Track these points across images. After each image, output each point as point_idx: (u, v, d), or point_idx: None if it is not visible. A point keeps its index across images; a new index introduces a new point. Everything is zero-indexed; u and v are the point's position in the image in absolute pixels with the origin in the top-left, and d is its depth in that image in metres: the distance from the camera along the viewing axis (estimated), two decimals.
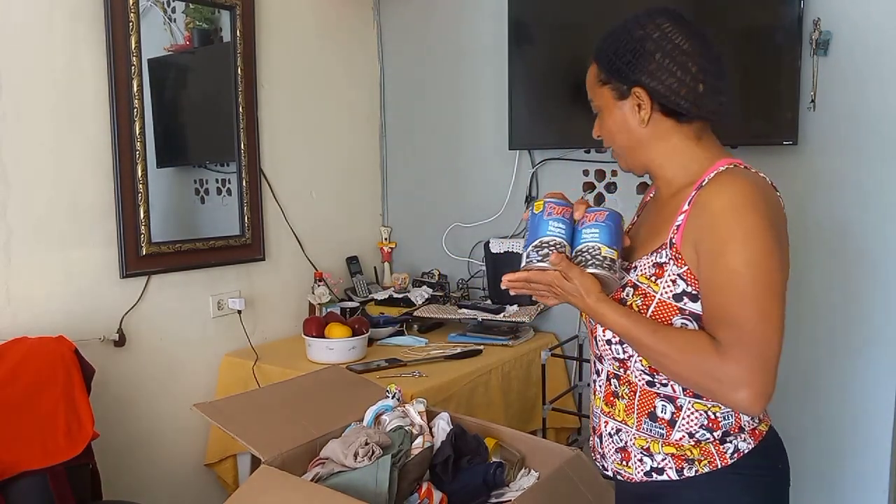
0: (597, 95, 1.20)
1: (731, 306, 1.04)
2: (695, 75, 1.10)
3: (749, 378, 1.02)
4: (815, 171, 2.16)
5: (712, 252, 1.05)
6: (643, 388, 1.16)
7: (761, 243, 1.05)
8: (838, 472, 2.20)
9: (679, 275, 1.10)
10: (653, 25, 1.14)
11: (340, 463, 1.43)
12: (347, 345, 2.25)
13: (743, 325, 1.03)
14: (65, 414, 1.78)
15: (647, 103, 1.13)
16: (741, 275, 1.04)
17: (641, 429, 1.16)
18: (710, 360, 1.03)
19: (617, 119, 1.17)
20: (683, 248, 1.09)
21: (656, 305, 1.10)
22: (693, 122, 1.14)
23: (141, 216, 2.17)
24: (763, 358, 1.04)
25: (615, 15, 2.37)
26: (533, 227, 1.11)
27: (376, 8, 3.03)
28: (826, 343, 2.19)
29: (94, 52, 2.06)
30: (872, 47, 2.04)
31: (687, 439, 1.13)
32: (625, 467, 1.19)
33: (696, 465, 1.12)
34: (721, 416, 1.13)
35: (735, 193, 1.06)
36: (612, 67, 1.16)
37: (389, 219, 3.14)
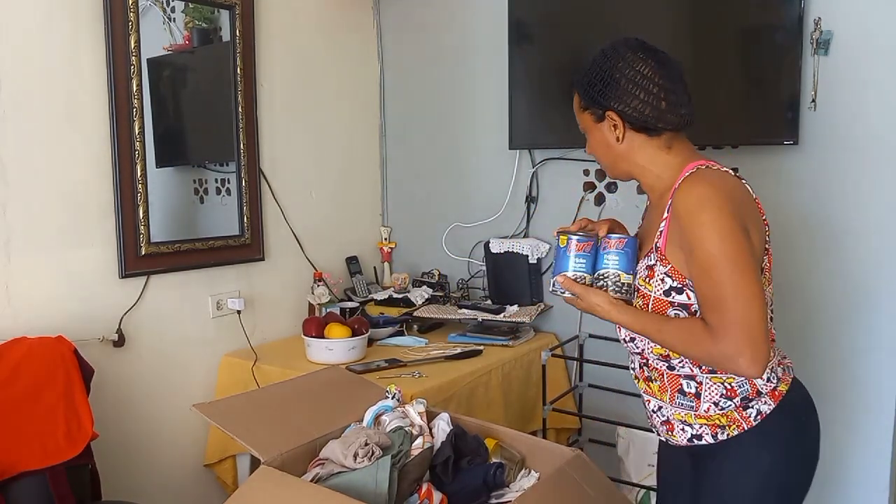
0: (581, 119, 1.43)
1: (711, 291, 1.21)
2: (656, 95, 1.30)
3: (740, 349, 1.17)
4: (816, 171, 2.16)
5: (690, 248, 1.23)
6: (666, 371, 1.36)
7: (726, 233, 1.20)
8: (838, 472, 2.20)
9: (665, 273, 1.28)
10: (617, 57, 1.34)
11: (340, 463, 1.42)
12: (347, 345, 2.25)
13: (724, 306, 1.19)
14: (64, 414, 1.78)
15: (619, 124, 1.34)
16: (713, 263, 1.20)
17: (675, 403, 1.36)
18: (705, 344, 1.21)
19: (598, 138, 1.39)
20: (668, 250, 1.28)
21: (653, 302, 1.30)
22: (662, 134, 1.34)
23: (140, 216, 2.17)
24: (747, 329, 1.18)
25: (615, 15, 2.40)
26: (558, 260, 1.36)
27: (376, 8, 3.03)
28: (826, 343, 2.19)
29: (94, 52, 2.06)
30: (873, 47, 2.04)
31: (713, 409, 1.32)
32: (671, 435, 1.40)
33: (727, 430, 1.31)
34: (737, 385, 1.31)
35: (698, 195, 1.23)
36: (588, 96, 1.38)
37: (389, 219, 3.13)
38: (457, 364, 2.24)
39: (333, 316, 2.39)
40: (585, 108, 1.40)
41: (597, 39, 2.43)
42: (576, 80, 1.42)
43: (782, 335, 2.26)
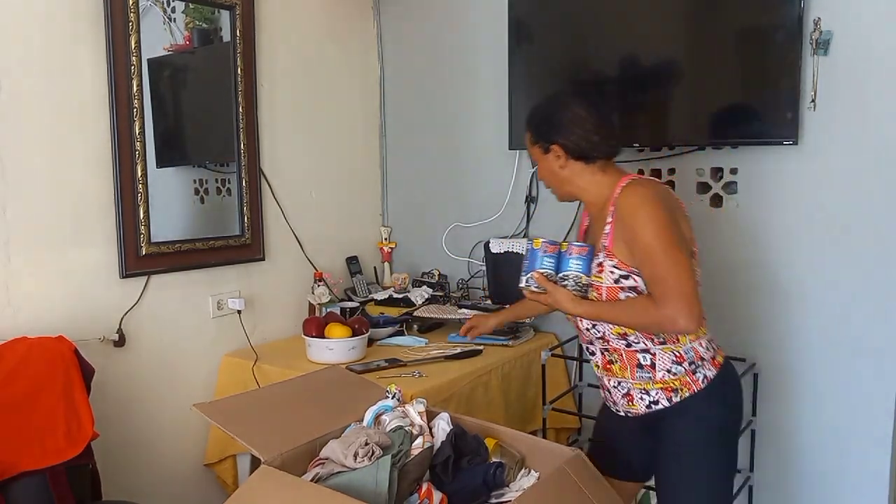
0: (531, 152, 1.74)
1: (653, 269, 1.51)
2: (589, 130, 1.63)
3: (679, 310, 1.48)
4: (816, 171, 2.16)
5: (633, 239, 1.54)
6: (625, 349, 1.64)
7: (661, 224, 1.52)
8: (839, 472, 2.20)
9: (613, 266, 1.58)
10: (560, 102, 1.69)
11: (340, 463, 1.42)
12: (347, 345, 2.25)
13: (664, 279, 1.50)
14: (64, 414, 1.78)
15: (562, 155, 1.65)
16: (654, 247, 1.51)
17: (635, 377, 1.65)
18: (652, 311, 1.51)
19: (545, 167, 1.71)
20: (614, 246, 1.58)
21: (606, 291, 1.59)
22: (597, 161, 1.65)
23: (140, 216, 2.17)
24: (683, 294, 1.48)
25: (615, 14, 2.40)
26: (531, 259, 1.64)
27: (376, 8, 3.03)
28: (826, 343, 2.19)
29: (94, 52, 2.06)
30: (873, 47, 2.03)
31: (667, 375, 1.61)
32: (632, 406, 1.67)
33: (679, 393, 1.62)
34: (683, 352, 1.62)
35: (636, 197, 1.56)
36: (537, 133, 1.70)
37: (389, 219, 3.13)
38: (457, 364, 2.24)
39: (334, 316, 2.39)
40: (535, 143, 1.70)
41: (597, 39, 2.46)
42: (528, 120, 1.73)
43: (783, 334, 2.27)
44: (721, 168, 2.33)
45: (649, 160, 2.45)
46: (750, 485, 2.34)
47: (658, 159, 2.43)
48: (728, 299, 2.34)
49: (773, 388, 2.29)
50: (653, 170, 2.45)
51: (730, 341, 2.34)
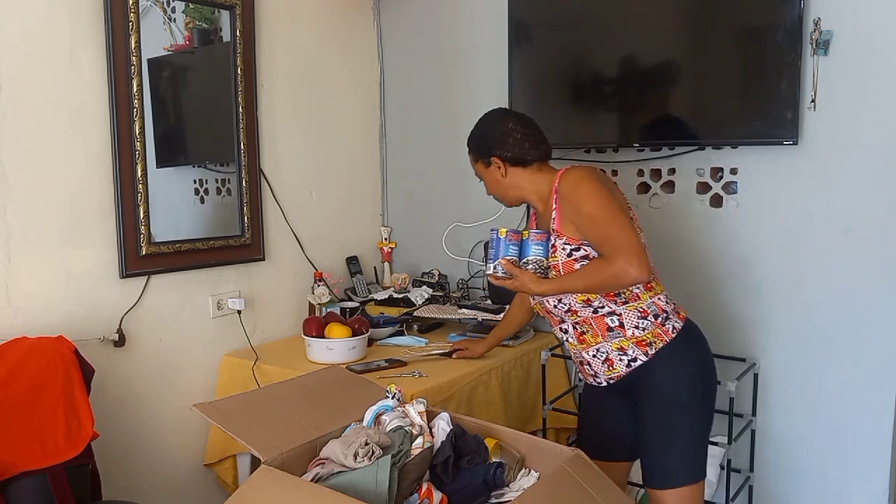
0: (477, 170, 1.90)
1: (600, 233, 1.68)
2: (521, 139, 1.81)
3: (630, 261, 1.62)
4: (816, 171, 2.16)
5: (578, 213, 1.71)
6: (592, 316, 1.77)
7: (599, 195, 1.70)
8: (839, 472, 2.20)
9: (564, 243, 1.74)
10: (490, 120, 1.89)
11: (340, 463, 1.42)
12: (347, 345, 2.25)
13: (610, 239, 1.65)
14: (64, 414, 1.78)
15: (501, 164, 1.83)
16: (597, 214, 1.68)
17: (608, 338, 1.77)
18: (606, 268, 1.65)
19: (490, 179, 1.88)
20: (562, 226, 1.75)
21: (563, 266, 1.74)
22: (532, 164, 1.83)
23: (141, 216, 2.17)
24: (630, 247, 1.63)
25: (614, 14, 2.40)
26: (497, 248, 1.79)
27: (376, 8, 3.03)
28: (827, 343, 2.19)
29: (94, 52, 2.06)
30: (873, 47, 2.04)
31: (637, 331, 1.75)
32: (613, 371, 1.79)
33: (654, 346, 1.74)
34: (646, 306, 1.76)
35: (573, 177, 1.75)
36: (476, 150, 1.88)
37: (389, 219, 3.13)
38: (457, 364, 2.24)
39: (333, 316, 2.39)
40: (477, 160, 1.88)
41: (597, 39, 2.46)
42: (468, 143, 1.91)
43: (783, 334, 2.27)
44: (721, 168, 2.33)
45: (649, 160, 2.45)
46: (750, 485, 2.34)
47: (658, 159, 2.43)
48: (728, 299, 2.34)
49: (773, 388, 2.29)
50: (653, 170, 2.45)
51: (730, 341, 2.34)
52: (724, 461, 2.22)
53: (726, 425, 2.16)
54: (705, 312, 2.39)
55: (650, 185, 2.46)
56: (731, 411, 2.13)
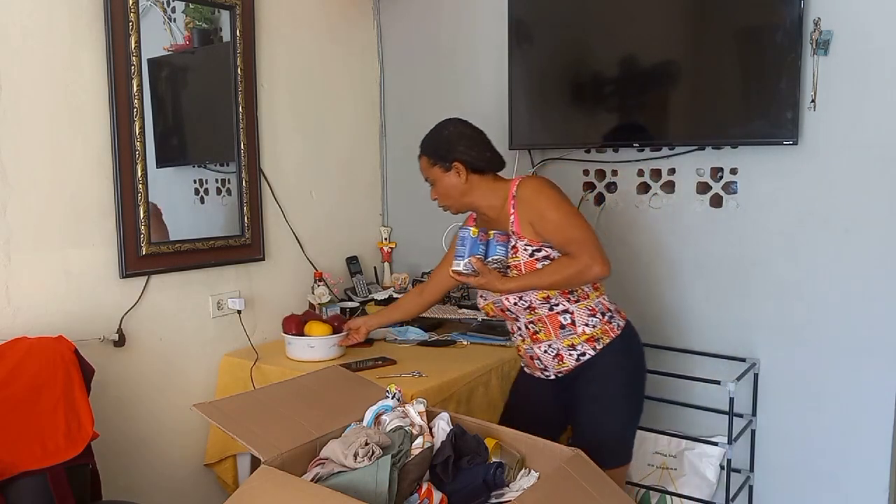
0: (430, 174, 1.95)
1: (564, 235, 1.81)
2: (482, 148, 1.93)
3: (594, 258, 1.77)
4: (816, 171, 2.16)
5: (540, 218, 1.84)
6: (548, 314, 1.89)
7: (560, 201, 1.86)
8: (839, 472, 2.20)
9: (524, 244, 1.86)
10: (450, 125, 1.95)
11: (340, 463, 1.43)
12: (329, 342, 2.27)
13: (574, 239, 1.80)
14: (64, 414, 1.78)
15: (463, 170, 1.90)
16: (558, 219, 1.83)
17: (560, 336, 1.90)
18: (571, 266, 1.78)
19: (446, 184, 1.93)
20: (522, 229, 1.87)
21: (525, 265, 1.85)
22: (488, 173, 1.94)
23: (140, 216, 2.17)
24: (593, 247, 1.79)
25: (615, 14, 2.40)
26: (468, 246, 1.85)
27: (376, 8, 3.03)
28: (827, 343, 2.19)
29: (94, 52, 2.06)
30: (873, 47, 2.04)
31: (587, 328, 1.89)
32: (563, 365, 1.92)
33: (601, 341, 1.89)
34: (595, 305, 1.91)
35: (532, 187, 1.88)
36: (436, 155, 1.92)
37: (389, 219, 3.14)
38: (457, 364, 2.24)
39: (312, 314, 2.41)
40: (434, 164, 1.92)
41: (597, 39, 2.46)
42: (423, 146, 1.95)
43: (783, 334, 2.27)
44: (721, 168, 2.33)
45: (649, 160, 2.45)
46: (750, 485, 2.34)
47: (658, 159, 2.43)
48: (728, 299, 2.34)
49: (773, 388, 2.29)
50: (653, 170, 2.45)
51: (730, 341, 2.35)
52: (724, 461, 2.22)
53: (726, 425, 2.16)
54: (705, 312, 2.39)
55: (650, 185, 2.46)
56: (731, 411, 2.13)
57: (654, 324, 2.48)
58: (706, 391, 2.33)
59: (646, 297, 2.49)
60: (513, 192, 1.89)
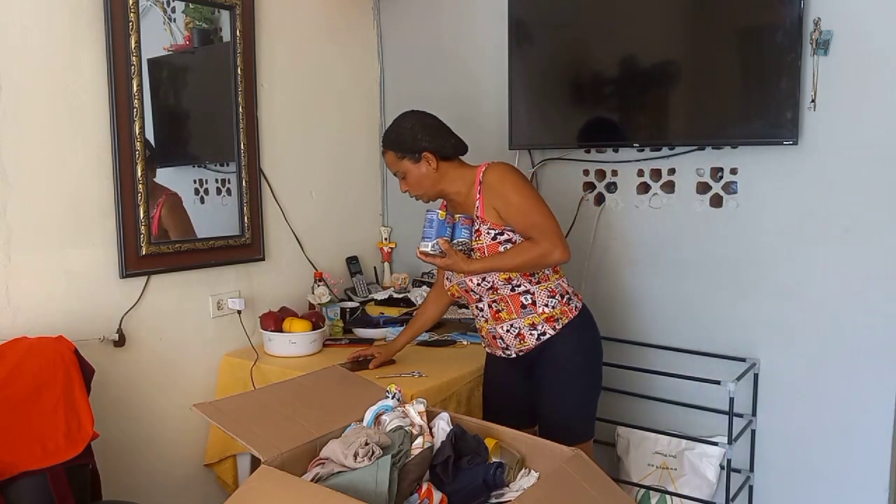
0: (400, 167, 1.99)
1: (528, 220, 1.89)
2: (446, 136, 1.99)
3: (555, 243, 1.86)
4: (816, 171, 2.16)
5: (504, 203, 1.91)
6: (510, 294, 1.95)
7: (523, 185, 1.93)
8: (839, 472, 2.20)
9: (488, 228, 1.92)
10: (412, 118, 2.01)
11: (340, 463, 1.43)
12: (309, 338, 2.34)
13: (537, 224, 1.88)
14: (65, 414, 1.78)
15: (433, 159, 1.96)
16: (522, 204, 1.90)
17: (521, 315, 1.97)
18: (533, 250, 1.87)
19: (417, 174, 1.98)
20: (486, 213, 1.93)
21: (487, 248, 1.92)
22: (454, 159, 2.00)
23: (140, 216, 2.17)
24: (555, 232, 1.88)
25: (614, 14, 2.40)
26: (435, 228, 1.90)
27: (376, 8, 3.03)
28: (827, 343, 2.19)
29: (94, 52, 2.06)
30: (873, 47, 2.04)
31: (546, 308, 1.96)
32: (524, 344, 1.99)
33: (560, 321, 1.97)
34: (555, 287, 1.98)
35: (498, 172, 1.94)
36: (402, 149, 1.97)
37: (389, 219, 3.13)
38: (457, 364, 2.24)
39: (288, 311, 2.45)
40: (403, 157, 1.97)
41: (597, 39, 2.46)
42: (387, 142, 2.00)
43: (783, 334, 2.27)
44: (721, 168, 2.33)
45: (649, 160, 2.45)
46: (750, 485, 2.34)
47: (658, 159, 2.43)
48: (728, 299, 2.34)
49: (773, 388, 2.29)
50: (653, 170, 2.45)
51: (730, 341, 2.35)
52: (724, 461, 2.22)
53: (726, 425, 2.16)
54: (705, 312, 2.39)
55: (650, 185, 2.46)
56: (731, 411, 2.13)
57: (654, 323, 2.48)
58: (706, 391, 2.33)
59: (646, 297, 2.49)
60: (479, 177, 1.95)
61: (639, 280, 2.51)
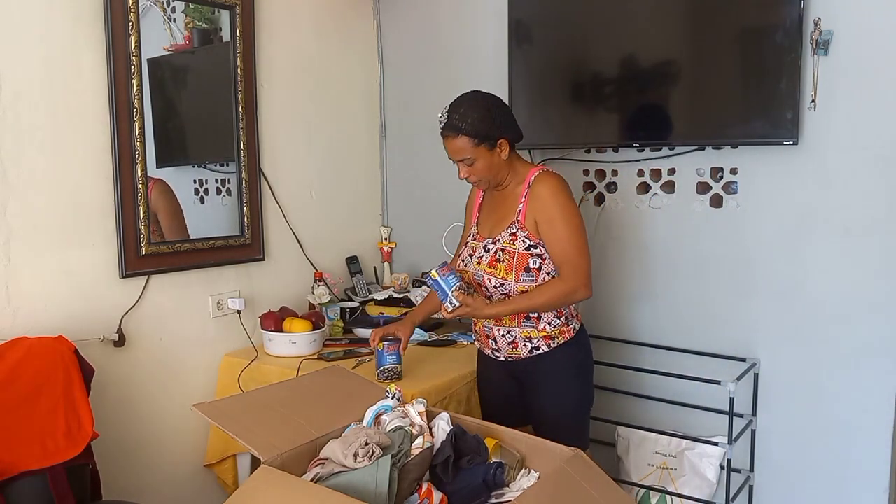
0: (473, 153, 1.87)
1: (565, 253, 1.87)
2: (515, 122, 1.93)
3: (582, 282, 1.86)
4: (816, 171, 2.16)
5: (548, 224, 1.88)
6: None
7: (572, 211, 1.89)
8: (839, 472, 2.20)
9: (525, 236, 1.90)
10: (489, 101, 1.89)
11: (340, 463, 1.43)
12: (309, 338, 2.34)
13: (572, 259, 1.86)
14: (64, 414, 1.78)
15: (506, 146, 1.90)
16: (565, 234, 1.87)
17: (521, 325, 1.95)
18: (560, 288, 1.86)
19: (489, 161, 1.89)
20: (527, 221, 1.90)
21: (518, 256, 1.89)
22: (514, 149, 1.95)
23: (140, 216, 2.17)
24: (585, 271, 1.87)
25: (615, 14, 2.40)
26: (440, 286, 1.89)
27: (376, 8, 3.03)
28: (827, 343, 2.19)
29: (94, 52, 2.06)
30: (873, 47, 2.04)
31: (548, 327, 1.95)
32: (515, 352, 1.98)
33: (556, 340, 1.96)
34: (563, 308, 1.96)
35: (552, 185, 1.90)
36: (481, 134, 1.86)
37: (389, 219, 3.13)
38: (457, 364, 2.24)
39: (288, 311, 2.45)
40: (479, 144, 1.86)
41: (597, 39, 2.46)
42: (462, 128, 1.85)
43: (783, 334, 2.27)
44: (721, 168, 2.33)
45: (649, 160, 2.45)
46: (750, 485, 2.34)
47: (658, 159, 2.43)
48: (728, 299, 2.34)
49: (773, 388, 2.29)
50: (653, 170, 2.45)
51: (730, 341, 2.35)
52: (724, 461, 2.22)
53: (726, 425, 2.16)
54: (705, 312, 2.39)
55: (650, 185, 2.46)
56: (731, 411, 2.13)
57: (654, 323, 2.48)
58: (706, 391, 2.33)
59: (646, 297, 2.49)
60: (529, 180, 1.91)
61: (639, 280, 2.51)
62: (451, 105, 1.89)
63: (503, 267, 1.90)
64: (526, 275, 1.89)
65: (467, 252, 2.02)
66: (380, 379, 2.04)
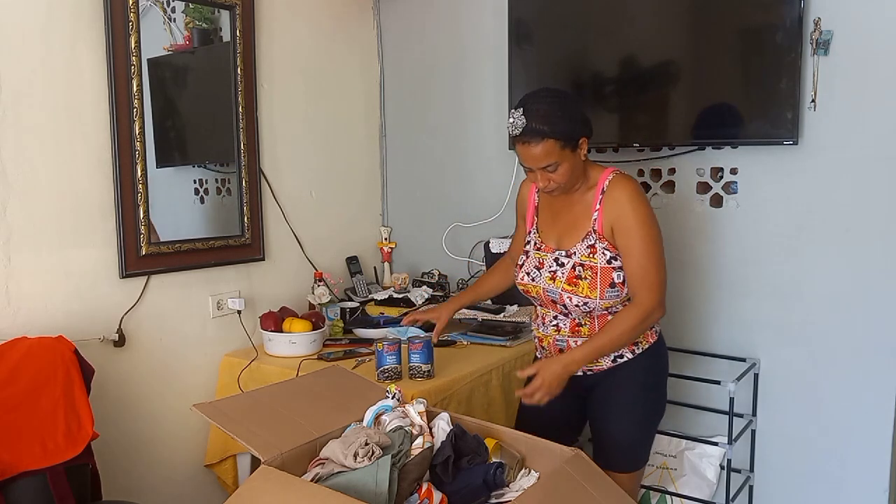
0: (558, 157, 1.68)
1: (643, 268, 1.72)
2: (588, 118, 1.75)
3: (659, 302, 1.74)
4: (816, 171, 2.16)
5: (625, 233, 1.72)
6: (600, 314, 1.79)
7: (651, 222, 1.74)
8: (839, 472, 2.20)
9: (604, 248, 1.75)
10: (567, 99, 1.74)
11: (340, 463, 1.43)
12: (310, 338, 2.33)
13: (650, 275, 1.72)
14: (64, 414, 1.78)
15: (585, 146, 1.73)
16: (645, 246, 1.71)
17: None
18: (636, 317, 1.72)
19: (572, 164, 1.72)
20: (603, 229, 1.75)
21: (601, 271, 1.74)
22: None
23: (140, 216, 2.17)
24: (660, 291, 1.74)
25: (615, 14, 2.40)
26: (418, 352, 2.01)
27: (376, 8, 3.03)
28: (827, 343, 2.19)
29: (94, 52, 2.06)
30: (873, 47, 2.04)
31: None
32: (598, 363, 1.83)
33: (640, 345, 1.83)
34: None
35: (631, 191, 1.73)
36: (566, 136, 1.67)
37: (389, 219, 3.13)
38: (457, 364, 2.24)
39: (288, 311, 2.44)
40: (564, 147, 1.68)
41: (597, 39, 2.46)
42: (548, 131, 1.65)
43: (783, 334, 2.27)
44: (721, 168, 2.33)
45: (649, 160, 2.45)
46: (750, 485, 2.34)
47: (658, 159, 2.43)
48: (728, 299, 2.34)
49: (773, 388, 2.29)
50: (653, 170, 2.45)
51: (730, 341, 2.35)
52: (724, 461, 2.22)
53: (726, 425, 2.16)
54: (705, 312, 2.39)
55: (650, 185, 2.46)
56: (731, 411, 2.13)
57: None
58: (706, 391, 2.33)
59: None
60: (603, 184, 1.75)
61: None
62: (524, 107, 1.66)
63: (586, 284, 1.74)
64: (610, 290, 1.74)
65: (532, 265, 1.84)
66: (380, 379, 2.03)
